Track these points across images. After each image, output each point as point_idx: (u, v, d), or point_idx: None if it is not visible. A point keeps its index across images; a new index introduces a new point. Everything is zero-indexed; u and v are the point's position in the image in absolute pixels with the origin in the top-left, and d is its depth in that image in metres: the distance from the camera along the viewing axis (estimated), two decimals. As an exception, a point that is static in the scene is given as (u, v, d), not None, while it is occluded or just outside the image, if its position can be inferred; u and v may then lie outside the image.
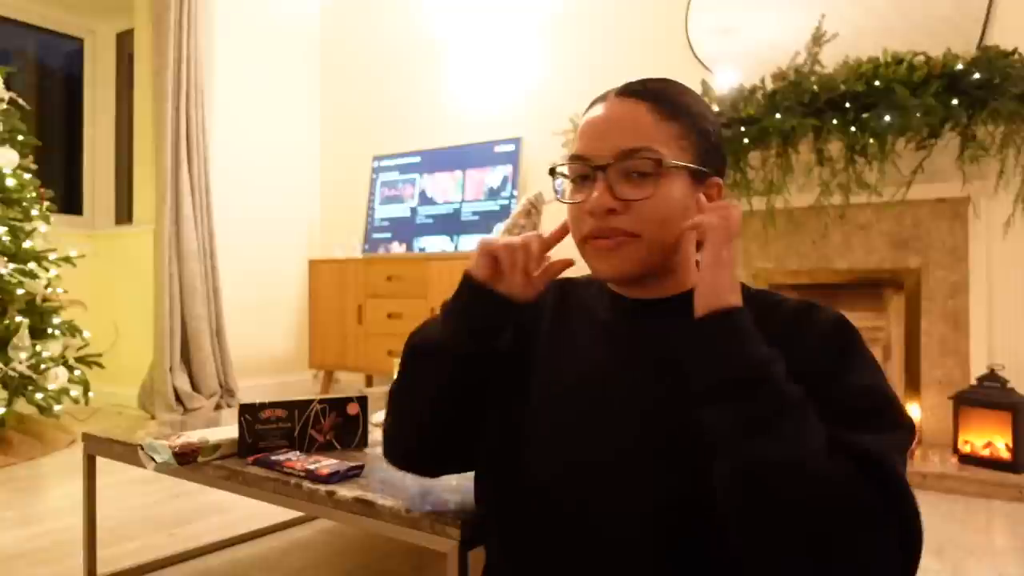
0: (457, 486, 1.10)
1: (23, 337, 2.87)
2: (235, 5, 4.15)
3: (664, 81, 0.82)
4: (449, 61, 4.16)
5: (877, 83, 2.44)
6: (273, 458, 1.25)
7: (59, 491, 2.45)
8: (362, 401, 1.40)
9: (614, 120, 0.78)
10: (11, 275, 2.93)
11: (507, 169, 3.78)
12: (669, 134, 0.77)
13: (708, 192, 0.80)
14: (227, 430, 1.40)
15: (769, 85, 2.70)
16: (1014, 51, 2.37)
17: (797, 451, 0.63)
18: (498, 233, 2.72)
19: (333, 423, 1.39)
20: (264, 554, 1.85)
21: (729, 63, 3.01)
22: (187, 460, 1.30)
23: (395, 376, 0.91)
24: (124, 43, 4.48)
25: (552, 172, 0.84)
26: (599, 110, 0.80)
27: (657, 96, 0.79)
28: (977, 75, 2.34)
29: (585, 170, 0.78)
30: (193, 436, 1.35)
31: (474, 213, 3.86)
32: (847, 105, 2.50)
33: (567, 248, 0.85)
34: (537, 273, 0.81)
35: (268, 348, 4.32)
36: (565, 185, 0.84)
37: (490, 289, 0.80)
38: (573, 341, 0.86)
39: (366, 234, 4.28)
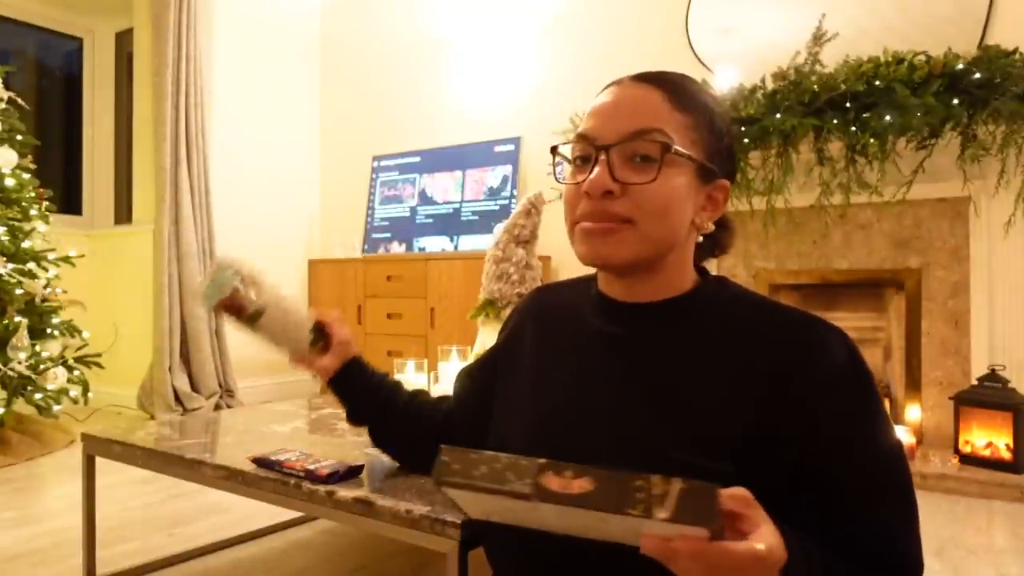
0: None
1: (22, 337, 2.87)
2: (235, 5, 4.14)
3: (683, 75, 0.79)
4: (449, 61, 4.16)
5: (878, 83, 2.44)
6: (273, 458, 1.24)
7: (58, 491, 2.45)
8: None
9: (625, 102, 0.74)
10: (10, 275, 2.92)
11: (507, 169, 3.78)
12: (680, 123, 0.73)
13: (714, 194, 0.77)
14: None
15: (769, 85, 2.70)
16: (1015, 50, 2.36)
17: None
18: (498, 233, 2.71)
19: None
20: (264, 554, 1.85)
21: (729, 63, 3.01)
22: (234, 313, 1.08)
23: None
24: (123, 43, 4.48)
25: (554, 151, 0.81)
26: (611, 93, 0.76)
27: (674, 85, 0.75)
28: (978, 74, 2.34)
29: (588, 151, 0.74)
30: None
31: (474, 213, 3.86)
32: (847, 105, 2.50)
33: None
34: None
35: (268, 348, 4.31)
36: (566, 168, 0.80)
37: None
38: (560, 348, 0.83)
39: (366, 234, 4.28)
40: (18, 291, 2.94)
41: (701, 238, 0.79)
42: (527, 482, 0.55)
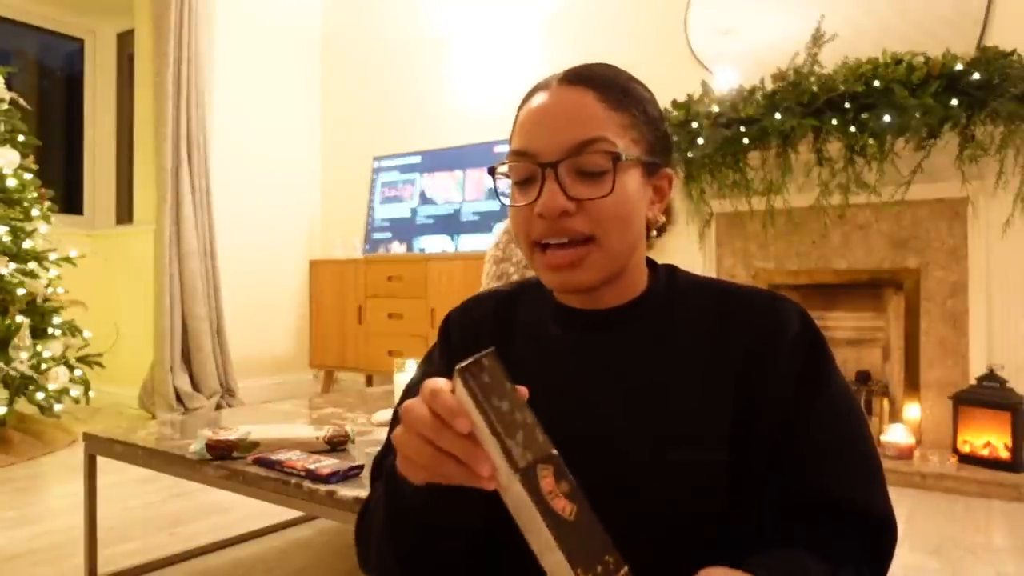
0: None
1: (24, 337, 2.88)
2: (235, 5, 4.15)
3: (609, 66, 0.75)
4: (449, 61, 4.17)
5: (876, 83, 2.45)
6: (273, 458, 1.25)
7: (59, 491, 2.46)
8: None
9: (560, 111, 0.70)
10: (12, 275, 2.93)
11: (507, 169, 3.78)
12: (619, 123, 0.69)
13: (659, 184, 0.75)
14: (267, 428, 1.41)
15: (769, 85, 2.71)
16: (1013, 51, 2.37)
17: None
18: (498, 233, 2.72)
19: None
20: (264, 554, 1.85)
21: (729, 63, 3.01)
22: (220, 455, 1.30)
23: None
24: (124, 43, 4.48)
25: (492, 173, 0.75)
26: (541, 99, 0.72)
27: (605, 83, 0.71)
28: (976, 75, 2.34)
29: (531, 169, 0.70)
30: (232, 434, 1.35)
31: (474, 213, 3.86)
32: (846, 105, 2.51)
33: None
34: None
35: (268, 348, 4.33)
36: (511, 185, 0.75)
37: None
38: (521, 363, 0.76)
39: (366, 234, 4.28)
40: (20, 291, 2.94)
41: (656, 232, 0.78)
42: (528, 457, 0.46)
